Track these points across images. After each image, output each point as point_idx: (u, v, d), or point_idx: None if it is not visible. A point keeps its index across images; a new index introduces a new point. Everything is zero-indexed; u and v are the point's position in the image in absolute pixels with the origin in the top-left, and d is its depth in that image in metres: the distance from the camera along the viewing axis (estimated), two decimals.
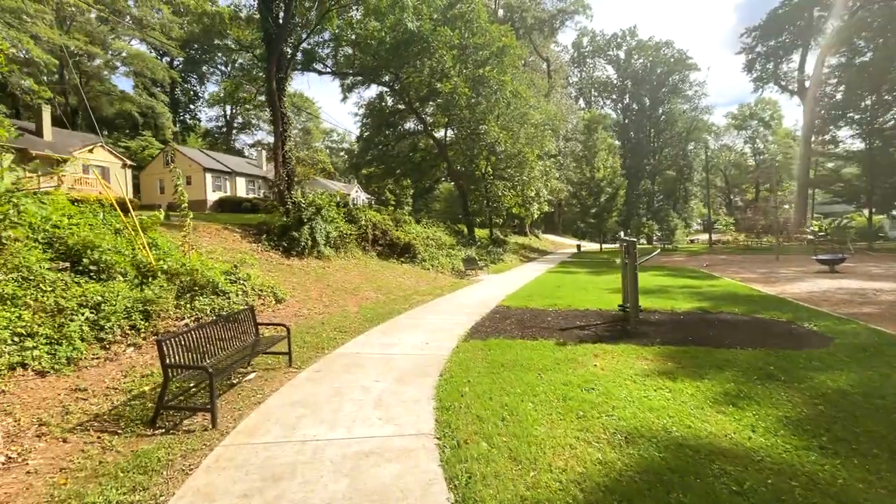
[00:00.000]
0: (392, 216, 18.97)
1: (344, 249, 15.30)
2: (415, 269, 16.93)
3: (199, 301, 7.46)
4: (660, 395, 4.65)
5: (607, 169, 37.44)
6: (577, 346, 6.81)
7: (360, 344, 7.23)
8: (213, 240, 11.95)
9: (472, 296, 12.72)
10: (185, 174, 39.38)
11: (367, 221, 17.04)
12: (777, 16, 46.57)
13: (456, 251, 20.70)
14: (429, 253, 18.56)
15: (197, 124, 62.12)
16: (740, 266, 20.66)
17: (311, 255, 13.62)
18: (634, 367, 5.70)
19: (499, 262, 23.98)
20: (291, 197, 14.49)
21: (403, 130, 31.85)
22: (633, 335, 7.44)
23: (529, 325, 8.42)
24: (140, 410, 4.39)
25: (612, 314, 9.40)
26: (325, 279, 12.09)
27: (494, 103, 23.69)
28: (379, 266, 15.73)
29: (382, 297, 11.77)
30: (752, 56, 48.66)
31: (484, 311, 10.07)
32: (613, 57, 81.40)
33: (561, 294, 12.21)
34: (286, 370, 5.88)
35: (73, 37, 32.87)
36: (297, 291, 10.37)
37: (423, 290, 13.70)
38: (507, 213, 29.79)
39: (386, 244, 17.51)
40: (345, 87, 33.60)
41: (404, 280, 14.84)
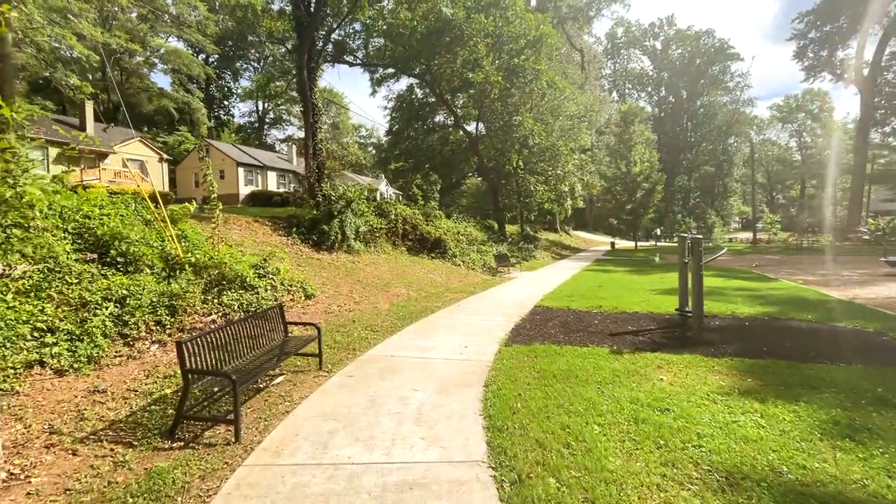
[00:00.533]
0: (422, 211, 18.47)
1: (374, 244, 14.91)
2: (445, 266, 16.39)
3: (227, 296, 7.12)
4: (751, 421, 3.91)
5: (644, 163, 35.76)
6: (635, 354, 6.08)
7: (393, 346, 6.72)
8: (242, 232, 11.74)
9: (507, 295, 12.06)
10: (218, 168, 40.34)
11: (396, 216, 16.59)
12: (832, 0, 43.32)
13: (487, 247, 20.03)
14: (459, 249, 17.98)
15: (230, 120, 63.50)
16: (794, 267, 19.13)
17: (340, 249, 13.28)
18: (708, 382, 4.94)
19: (531, 259, 23.16)
20: (321, 189, 14.17)
21: (433, 124, 31.29)
22: (697, 344, 6.63)
23: (575, 329, 7.71)
24: (159, 418, 4.00)
25: (666, 318, 8.57)
26: (354, 274, 11.70)
27: (528, 94, 22.79)
28: (409, 261, 15.27)
29: (414, 294, 11.28)
30: (804, 42, 45.51)
31: (522, 312, 9.40)
32: (649, 47, 78.28)
33: (604, 295, 11.39)
34: (316, 373, 5.42)
35: (114, 34, 33.81)
36: (327, 287, 9.98)
37: (455, 287, 13.14)
38: (538, 209, 28.83)
39: (416, 239, 17.03)
40: (374, 81, 33.25)
41: (435, 276, 14.32)
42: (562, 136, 25.20)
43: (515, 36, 21.95)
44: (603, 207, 43.51)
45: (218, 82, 59.68)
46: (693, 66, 75.76)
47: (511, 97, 23.31)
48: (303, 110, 14.49)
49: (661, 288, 12.69)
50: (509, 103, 23.70)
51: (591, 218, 63.99)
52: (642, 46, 78.78)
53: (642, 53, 79.97)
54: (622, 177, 36.65)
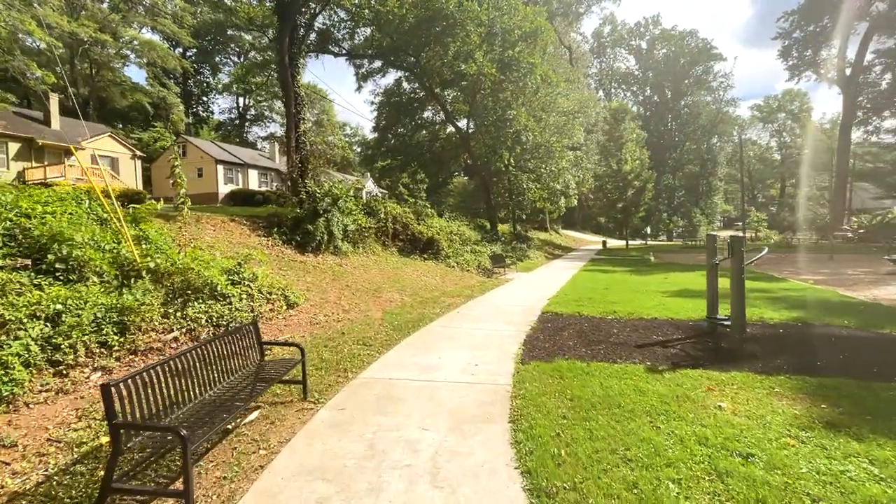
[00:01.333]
0: (413, 209, 17.48)
1: (362, 245, 13.86)
2: (439, 267, 15.43)
3: (194, 307, 6.03)
4: (863, 472, 3.04)
5: (635, 161, 35.37)
6: (675, 372, 5.22)
7: (391, 365, 5.73)
8: (217, 233, 10.58)
9: (508, 299, 11.16)
10: (195, 166, 38.63)
11: (386, 214, 15.56)
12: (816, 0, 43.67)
13: (481, 247, 19.13)
14: (453, 249, 17.04)
15: (210, 116, 61.38)
16: (794, 266, 18.71)
17: (327, 250, 12.20)
18: (776, 410, 4.10)
19: (525, 259, 22.36)
20: (305, 186, 13.07)
21: (422, 120, 30.27)
22: (739, 357, 5.82)
23: (595, 340, 6.84)
24: (84, 486, 2.95)
25: (691, 325, 7.78)
26: (343, 278, 10.65)
27: (521, 89, 21.96)
28: (401, 263, 14.26)
29: (408, 300, 10.29)
30: (789, 42, 45.80)
31: (530, 319, 8.51)
32: (635, 47, 78.59)
33: (614, 298, 10.58)
34: (300, 405, 4.42)
35: (82, 24, 31.89)
36: (312, 293, 8.92)
37: (451, 290, 12.19)
38: (531, 208, 28.09)
39: (407, 239, 16.03)
40: (360, 76, 32.10)
41: (429, 279, 13.35)
42: (555, 132, 24.45)
43: (509, 28, 21.10)
44: (594, 206, 43.11)
45: (196, 77, 57.55)
46: (677, 65, 76.34)
47: (503, 91, 22.46)
48: (284, 100, 13.37)
49: (671, 290, 11.96)
50: (501, 98, 22.85)
51: (579, 217, 63.75)
52: (628, 46, 79.05)
53: (628, 53, 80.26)
54: (613, 175, 36.22)
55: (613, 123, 36.47)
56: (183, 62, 41.06)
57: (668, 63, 76.36)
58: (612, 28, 75.85)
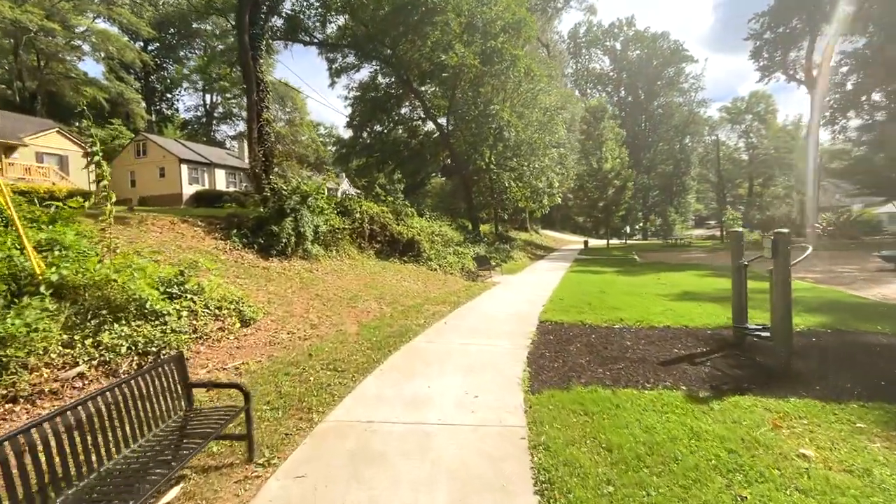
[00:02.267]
0: (392, 208, 16.25)
1: (336, 247, 12.56)
2: (421, 270, 14.25)
3: (111, 332, 4.68)
4: None
5: (615, 160, 35.05)
6: (723, 400, 4.22)
7: (368, 399, 4.54)
8: (164, 235, 9.12)
9: (499, 305, 10.08)
10: (158, 165, 36.24)
11: (362, 214, 14.28)
12: (786, 1, 44.61)
13: (464, 249, 18.06)
14: (435, 251, 15.89)
15: (175, 114, 58.33)
16: None
17: (294, 254, 10.87)
18: (878, 457, 3.14)
19: (509, 260, 21.40)
20: (270, 182, 11.68)
21: (400, 117, 29.00)
22: (785, 376, 4.89)
23: (610, 357, 5.82)
24: None
25: (709, 334, 6.88)
26: (313, 286, 9.35)
27: (503, 83, 21.02)
28: (379, 267, 13.02)
29: (388, 310, 9.08)
30: (760, 43, 46.64)
31: (528, 329, 7.45)
32: (610, 47, 79.31)
33: (615, 303, 9.64)
34: (242, 471, 3.19)
35: (26, 11, 29.24)
36: (275, 305, 7.62)
37: (435, 297, 11.04)
38: (513, 208, 27.22)
39: (386, 241, 14.79)
40: (333, 71, 30.67)
41: (411, 284, 12.16)
42: (538, 128, 23.63)
43: (490, 19, 20.12)
44: (573, 206, 42.73)
45: (159, 73, 54.56)
46: (650, 67, 77.54)
47: (485, 86, 21.49)
48: (245, 86, 11.93)
49: (671, 293, 11.14)
50: (482, 94, 21.87)
51: (558, 217, 63.55)
52: (603, 46, 79.67)
53: (603, 53, 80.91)
54: (593, 174, 35.82)
55: (593, 122, 36.11)
56: (143, 55, 38.49)
57: (642, 64, 77.49)
58: (588, 28, 76.33)
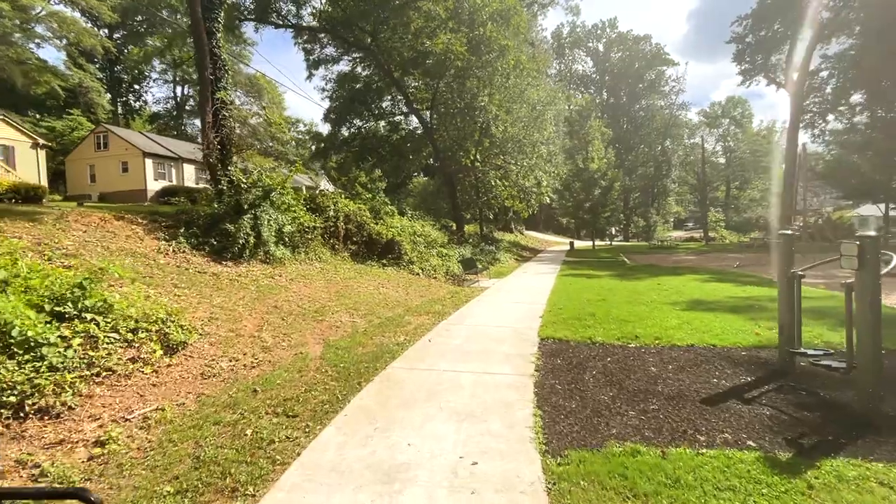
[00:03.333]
0: (370, 206, 14.86)
1: (305, 249, 11.10)
2: (401, 275, 12.90)
3: None
4: None
5: (602, 160, 34.34)
6: (817, 467, 3.04)
7: (323, 471, 3.19)
8: (88, 235, 7.54)
9: (491, 316, 8.82)
10: (120, 160, 33.76)
11: (337, 212, 12.85)
12: (766, 6, 44.88)
13: (449, 250, 16.78)
14: (417, 253, 14.56)
15: (144, 106, 55.31)
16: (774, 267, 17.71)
17: (254, 257, 9.38)
18: None
19: (495, 262, 20.22)
20: (227, 174, 10.15)
21: (380, 110, 27.53)
22: (873, 421, 3.76)
23: (638, 390, 4.62)
24: None
25: (743, 355, 5.77)
26: (271, 296, 7.90)
27: (490, 75, 19.83)
28: (354, 272, 11.62)
29: (361, 324, 7.72)
30: (742, 46, 46.82)
31: (528, 350, 6.22)
32: (593, 49, 79.33)
33: (621, 314, 8.48)
34: None
35: None
36: (219, 323, 6.17)
37: (417, 306, 9.72)
38: (499, 207, 26.09)
39: (363, 242, 13.39)
40: (311, 63, 29.08)
41: (389, 291, 10.80)
42: (526, 125, 22.53)
43: (477, 6, 18.90)
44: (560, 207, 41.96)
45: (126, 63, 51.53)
46: (632, 69, 78.01)
47: (470, 79, 20.25)
48: (197, 60, 10.35)
49: (679, 300, 10.08)
50: (468, 87, 20.63)
51: (541, 218, 62.91)
52: (586, 47, 79.61)
53: (586, 55, 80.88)
54: (579, 173, 35.02)
55: (579, 121, 35.33)
56: (105, 41, 35.86)
57: (624, 66, 77.87)
58: (571, 29, 76.14)
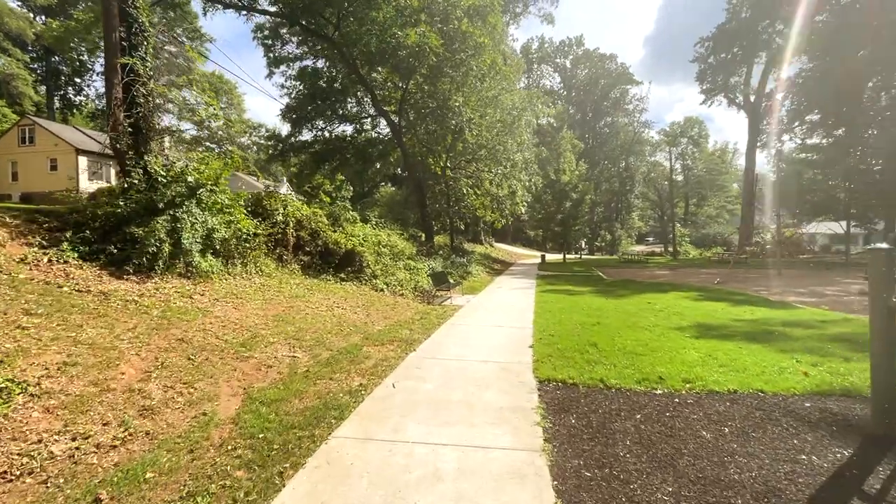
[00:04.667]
0: (328, 210, 12.99)
1: (243, 260, 9.11)
2: (362, 291, 11.08)
3: None
4: None
5: (574, 172, 33.79)
6: None
7: None
8: None
9: (469, 344, 7.16)
10: (48, 156, 30.07)
11: (286, 217, 10.91)
12: (725, 29, 46.60)
13: (418, 263, 15.08)
14: (382, 266, 12.78)
15: (86, 101, 50.70)
16: (757, 283, 17.12)
17: (171, 270, 7.35)
18: None
19: (468, 276, 18.67)
20: (145, 164, 8.08)
21: (345, 111, 25.69)
22: None
23: (702, 479, 3.08)
24: None
25: (809, 408, 4.38)
26: (180, 324, 5.91)
27: (465, 75, 18.51)
28: (304, 288, 9.70)
29: (304, 361, 5.87)
30: (704, 66, 48.36)
31: (526, 401, 4.61)
32: (560, 65, 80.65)
33: (624, 343, 7.03)
34: None
35: None
36: (76, 371, 4.18)
37: (379, 332, 7.94)
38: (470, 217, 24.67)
39: (317, 252, 11.48)
40: (271, 60, 27.03)
41: (346, 312, 8.97)
42: (500, 131, 21.33)
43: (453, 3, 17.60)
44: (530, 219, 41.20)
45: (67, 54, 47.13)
46: (598, 87, 79.83)
47: (443, 79, 18.86)
48: (103, 17, 8.25)
49: (682, 324, 8.79)
50: (440, 89, 19.21)
51: (510, 230, 62.30)
52: (554, 63, 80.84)
53: (554, 70, 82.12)
54: (551, 185, 34.32)
55: (552, 132, 34.76)
56: (35, 24, 32.24)
57: (590, 83, 79.49)
58: (540, 45, 77.09)
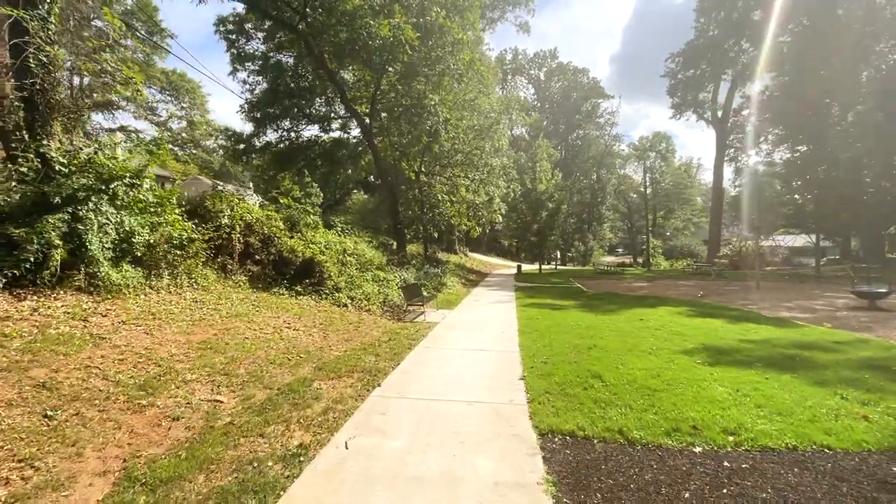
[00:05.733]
0: (285, 214, 11.43)
1: (172, 271, 7.48)
2: (321, 307, 9.57)
3: None
4: None
5: (550, 181, 33.21)
6: None
7: None
8: None
9: (446, 377, 5.82)
10: None
11: (232, 219, 9.32)
12: (694, 46, 47.81)
13: (388, 274, 13.66)
14: (346, 277, 11.30)
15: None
16: (739, 297, 16.57)
17: (66, 283, 5.71)
18: None
19: (442, 288, 17.35)
20: (39, 147, 6.40)
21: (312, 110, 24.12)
22: None
23: None
24: None
25: None
26: (51, 358, 4.30)
27: (441, 74, 17.39)
28: (250, 304, 8.12)
29: (230, 406, 4.39)
30: (675, 81, 49.39)
31: (529, 470, 3.33)
32: (535, 77, 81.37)
33: (632, 374, 5.86)
34: None
35: None
36: None
37: (335, 360, 6.50)
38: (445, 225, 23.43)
39: (270, 261, 9.90)
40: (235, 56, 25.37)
41: (299, 333, 7.47)
42: (477, 135, 20.29)
43: None
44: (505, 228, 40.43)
45: None
46: (570, 99, 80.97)
47: (417, 77, 17.68)
48: None
49: (687, 346, 7.75)
50: (414, 88, 18.02)
51: (484, 239, 61.45)
52: (528, 75, 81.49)
53: (528, 82, 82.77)
54: (527, 194, 33.59)
55: (528, 140, 34.14)
56: None
57: (563, 96, 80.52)
58: (514, 56, 77.59)
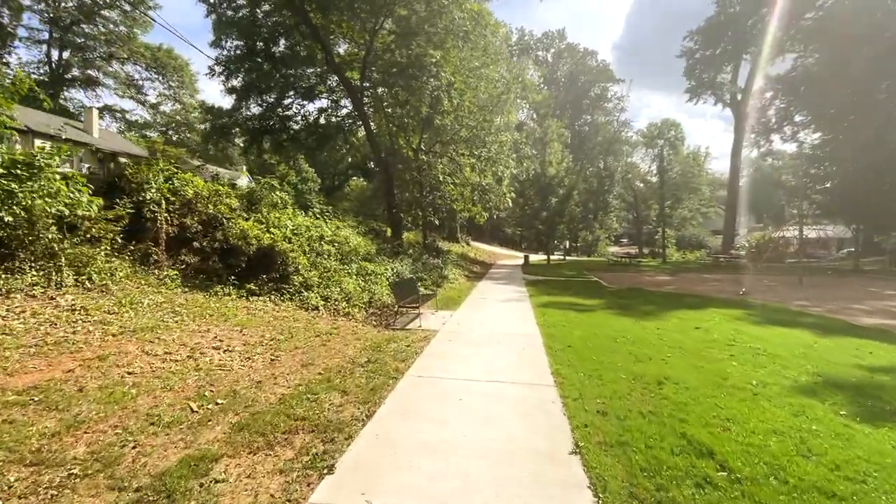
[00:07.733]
0: (243, 192, 9.03)
1: (54, 262, 5.13)
2: (281, 312, 7.23)
3: None
4: None
5: (560, 164, 30.64)
6: None
7: None
8: None
9: (445, 447, 3.51)
10: None
11: (162, 195, 6.93)
12: (715, 23, 44.73)
13: (377, 266, 11.29)
14: (320, 271, 8.92)
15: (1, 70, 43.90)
16: (787, 295, 14.23)
17: None
18: None
19: (443, 282, 15.01)
20: None
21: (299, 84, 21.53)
22: None
23: None
24: None
25: None
26: None
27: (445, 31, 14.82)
28: (168, 312, 5.77)
29: None
30: (692, 61, 46.36)
31: None
32: (542, 58, 78.05)
33: (752, 437, 3.55)
34: None
35: None
36: None
37: (272, 408, 4.17)
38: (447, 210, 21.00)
39: (214, 250, 7.54)
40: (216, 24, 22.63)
41: (231, 357, 5.13)
42: (483, 107, 17.74)
43: None
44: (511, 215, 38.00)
45: None
46: (578, 84, 77.76)
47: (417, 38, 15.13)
48: None
49: (802, 379, 5.43)
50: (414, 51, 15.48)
51: (488, 228, 58.96)
52: (534, 56, 78.15)
53: (534, 64, 79.44)
54: (536, 179, 31.04)
55: (538, 119, 31.49)
56: None
57: (570, 79, 77.41)
58: (520, 36, 74.20)
